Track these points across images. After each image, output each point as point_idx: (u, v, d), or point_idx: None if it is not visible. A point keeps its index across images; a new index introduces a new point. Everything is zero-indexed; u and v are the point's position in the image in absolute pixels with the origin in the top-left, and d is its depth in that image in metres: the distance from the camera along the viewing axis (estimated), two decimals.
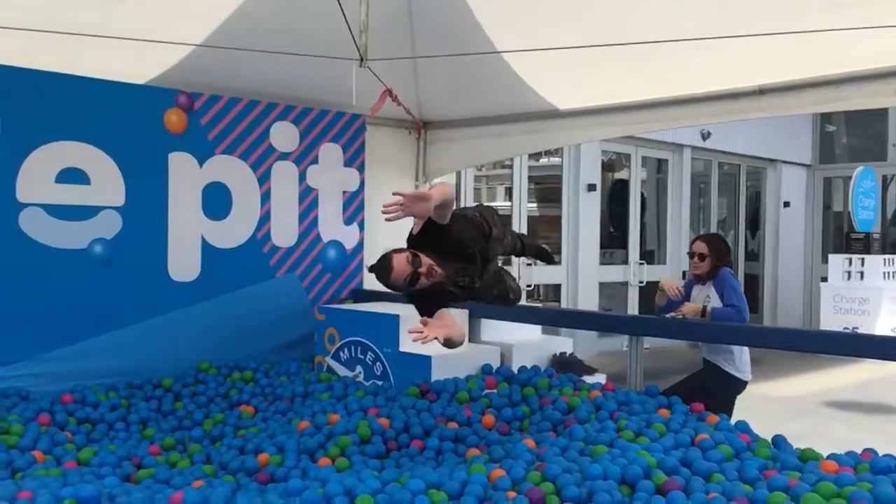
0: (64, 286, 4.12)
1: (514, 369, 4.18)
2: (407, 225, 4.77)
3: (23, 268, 4.00)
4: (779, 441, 3.14)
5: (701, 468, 2.71)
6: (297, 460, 3.17)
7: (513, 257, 8.81)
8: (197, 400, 4.20)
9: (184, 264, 4.57)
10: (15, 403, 3.77)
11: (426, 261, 2.88)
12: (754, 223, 13.09)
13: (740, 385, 4.32)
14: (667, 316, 4.45)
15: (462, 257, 3.07)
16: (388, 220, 2.71)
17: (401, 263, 2.85)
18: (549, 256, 4.29)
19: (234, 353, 4.66)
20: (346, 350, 4.63)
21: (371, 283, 5.37)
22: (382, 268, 2.88)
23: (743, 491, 2.49)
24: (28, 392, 3.92)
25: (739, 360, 4.28)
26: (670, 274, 10.98)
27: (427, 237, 2.96)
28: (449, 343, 2.89)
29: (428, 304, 3.03)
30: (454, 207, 3.06)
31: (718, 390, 4.26)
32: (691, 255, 4.49)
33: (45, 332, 4.07)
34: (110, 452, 3.37)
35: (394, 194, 2.64)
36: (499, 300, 3.57)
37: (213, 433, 3.75)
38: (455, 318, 3.06)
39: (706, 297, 4.37)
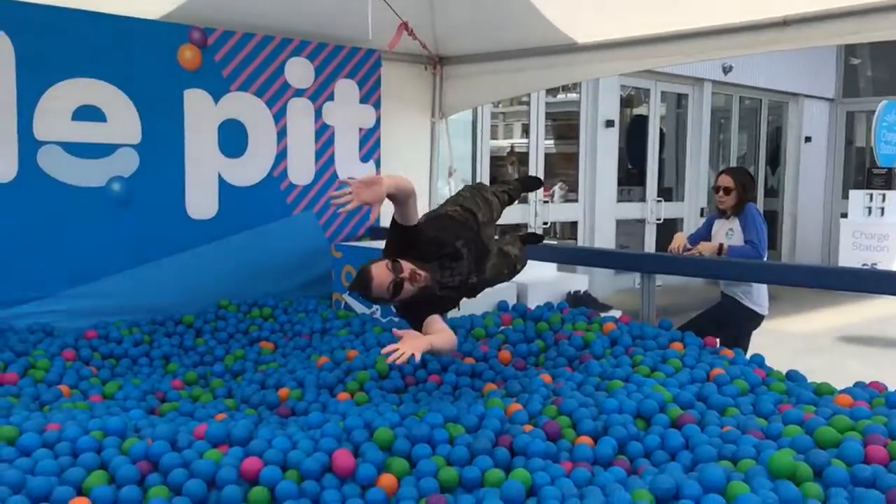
0: (84, 224, 4.15)
1: (530, 306, 4.20)
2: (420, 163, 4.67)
3: (43, 206, 4.03)
4: (794, 375, 3.16)
5: (716, 402, 2.73)
6: (316, 395, 3.23)
7: (530, 195, 8.78)
8: (218, 336, 4.27)
9: (201, 202, 4.59)
10: (40, 339, 3.85)
11: (407, 266, 2.72)
12: (774, 159, 12.93)
13: (757, 319, 4.33)
14: (683, 253, 4.43)
15: (445, 256, 2.89)
16: (340, 211, 2.54)
17: (381, 272, 2.67)
18: (536, 182, 4.06)
19: (253, 291, 4.72)
20: None
21: (388, 220, 5.40)
22: (363, 281, 2.68)
23: (758, 424, 2.52)
24: (52, 328, 4.00)
25: (757, 294, 4.27)
26: (688, 210, 10.92)
27: (401, 242, 2.80)
28: (435, 352, 2.67)
29: (419, 313, 2.83)
30: (416, 203, 2.79)
31: (735, 324, 4.28)
32: (716, 189, 4.44)
33: (66, 269, 4.12)
34: (134, 387, 3.44)
35: (339, 182, 2.49)
36: (510, 276, 3.42)
37: (234, 368, 3.82)
38: (445, 324, 2.79)
39: (729, 231, 4.33)
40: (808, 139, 12.82)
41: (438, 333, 2.69)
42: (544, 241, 4.01)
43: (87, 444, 2.40)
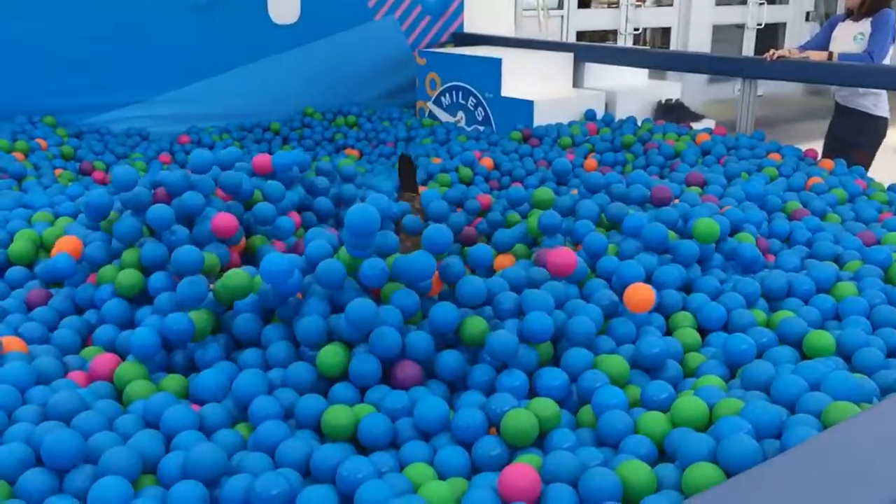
0: (169, 28, 4.16)
1: (619, 115, 4.07)
2: None
3: (129, 9, 4.03)
4: None
5: (815, 208, 2.64)
6: None
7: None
8: (304, 143, 4.34)
9: (283, 6, 4.50)
10: (137, 143, 4.00)
11: None
12: None
13: (882, 123, 4.03)
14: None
15: None
16: None
17: None
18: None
19: (337, 99, 4.72)
20: (447, 95, 4.60)
21: (473, 26, 5.22)
22: None
23: (862, 228, 2.44)
24: (148, 133, 4.13)
25: (883, 98, 3.97)
26: (793, 14, 10.16)
27: None
28: None
29: None
30: None
31: (860, 135, 4.01)
32: None
33: (155, 74, 4.19)
34: None
35: None
36: None
37: None
38: None
39: (858, 35, 3.95)
40: None
41: None
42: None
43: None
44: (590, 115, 4.15)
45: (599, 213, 2.25)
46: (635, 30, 8.52)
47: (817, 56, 3.92)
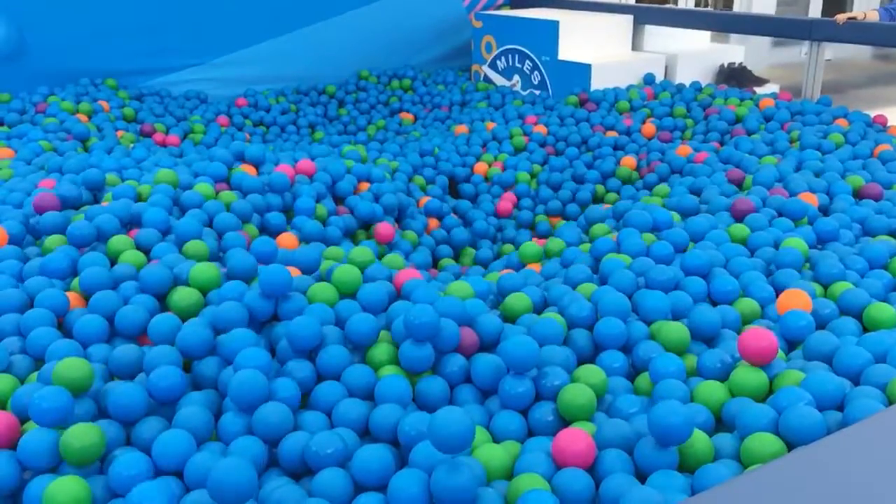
0: None
1: (679, 79, 3.97)
2: None
3: None
4: None
5: (881, 179, 2.55)
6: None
7: None
8: (359, 107, 4.35)
9: None
10: (196, 105, 4.05)
11: None
12: None
13: None
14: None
15: None
16: None
17: None
18: None
19: (392, 62, 4.70)
20: (503, 58, 4.54)
21: None
22: None
23: None
24: (206, 95, 4.18)
25: None
26: None
27: None
28: None
29: None
30: None
31: None
32: None
33: (213, 38, 4.23)
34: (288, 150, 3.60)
35: None
36: None
37: (376, 137, 3.92)
38: None
39: None
40: None
41: None
42: None
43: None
44: (649, 80, 4.06)
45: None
46: None
47: None
